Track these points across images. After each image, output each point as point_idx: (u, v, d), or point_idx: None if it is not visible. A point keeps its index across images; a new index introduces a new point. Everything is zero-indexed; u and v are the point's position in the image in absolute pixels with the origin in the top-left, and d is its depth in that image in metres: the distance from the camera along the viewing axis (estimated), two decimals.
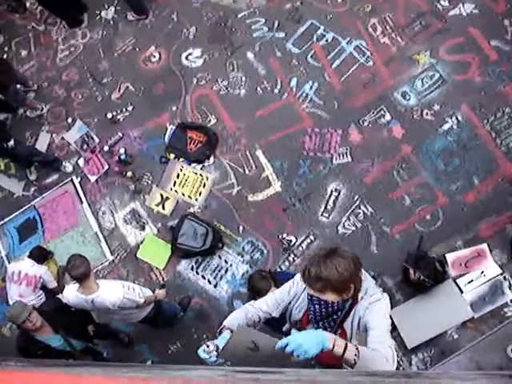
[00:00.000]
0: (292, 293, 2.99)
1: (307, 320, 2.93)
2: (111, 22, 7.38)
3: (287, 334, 3.11)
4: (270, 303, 3.00)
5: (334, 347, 2.24)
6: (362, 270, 2.88)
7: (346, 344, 2.27)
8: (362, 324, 2.73)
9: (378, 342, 2.53)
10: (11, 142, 6.14)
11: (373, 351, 2.47)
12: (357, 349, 2.29)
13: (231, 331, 2.64)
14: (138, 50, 7.06)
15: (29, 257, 5.88)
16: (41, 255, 5.99)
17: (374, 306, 2.70)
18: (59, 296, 5.21)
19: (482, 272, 4.99)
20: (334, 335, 2.31)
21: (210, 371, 1.98)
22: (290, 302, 2.99)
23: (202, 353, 2.51)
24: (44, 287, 5.77)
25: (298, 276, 2.95)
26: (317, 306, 2.69)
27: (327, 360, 2.52)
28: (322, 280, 2.57)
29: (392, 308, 4.97)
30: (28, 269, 5.70)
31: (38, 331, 4.48)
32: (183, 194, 6.13)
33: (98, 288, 4.40)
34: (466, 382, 1.89)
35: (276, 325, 3.29)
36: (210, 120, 6.36)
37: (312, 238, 5.59)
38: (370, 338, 2.58)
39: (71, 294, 4.52)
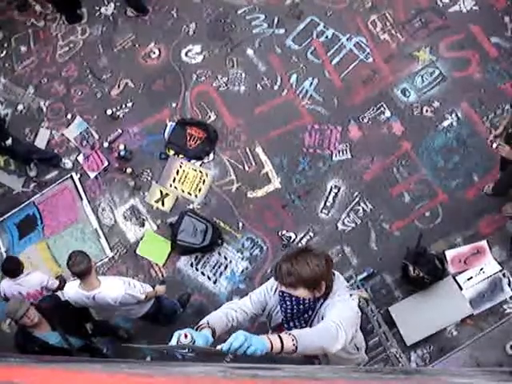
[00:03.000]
0: (272, 290, 2.96)
1: None
2: (111, 18, 7.36)
3: None
4: (253, 302, 2.96)
5: (272, 346, 2.17)
6: (337, 272, 2.89)
7: (280, 336, 2.23)
8: None
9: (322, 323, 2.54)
10: (9, 141, 6.12)
11: (311, 329, 2.49)
12: (290, 334, 2.26)
13: (213, 331, 2.56)
14: (137, 46, 7.04)
15: (7, 273, 5.35)
16: (15, 267, 5.37)
17: (336, 303, 2.68)
18: (58, 293, 5.20)
19: (482, 269, 4.99)
20: (265, 335, 2.23)
21: (209, 367, 1.98)
22: (270, 308, 2.96)
23: (175, 339, 2.30)
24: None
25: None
26: (288, 303, 2.67)
27: None
28: (293, 275, 2.58)
29: (391, 305, 5.04)
30: (26, 288, 5.29)
31: (36, 327, 4.47)
32: (183, 191, 6.13)
33: (100, 284, 4.40)
34: (466, 378, 1.89)
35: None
36: (209, 116, 6.35)
37: (311, 234, 5.59)
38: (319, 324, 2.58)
39: (72, 290, 4.52)
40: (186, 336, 2.27)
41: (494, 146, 4.01)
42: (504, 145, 4.23)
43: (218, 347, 2.12)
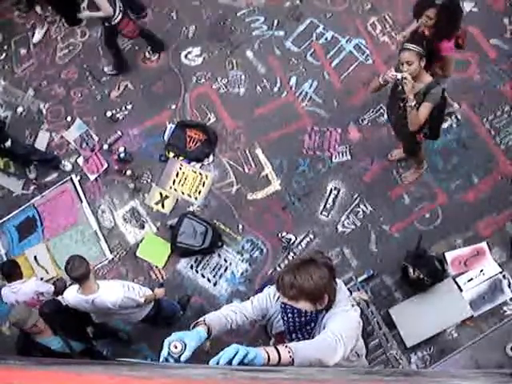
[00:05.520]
0: (274, 298, 2.91)
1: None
2: None
3: None
4: (254, 307, 2.93)
5: (269, 358, 2.11)
6: (339, 281, 2.86)
7: (277, 348, 2.17)
8: None
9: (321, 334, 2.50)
10: (8, 143, 6.12)
11: (309, 341, 2.44)
12: (286, 346, 2.20)
13: (208, 328, 2.53)
14: (137, 48, 7.05)
15: (5, 277, 5.41)
16: (12, 269, 5.44)
17: (338, 314, 2.64)
18: (59, 298, 5.19)
19: (482, 270, 4.99)
20: (262, 347, 2.17)
21: (210, 370, 1.98)
22: (271, 316, 2.93)
23: (166, 348, 2.25)
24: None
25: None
26: (290, 315, 2.63)
27: None
28: (296, 287, 2.54)
29: (391, 306, 5.04)
30: (21, 296, 5.25)
31: (39, 333, 4.46)
32: (183, 193, 6.13)
33: (98, 288, 4.39)
34: (466, 380, 1.89)
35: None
36: (209, 118, 6.35)
37: (311, 236, 5.59)
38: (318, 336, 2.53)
39: (71, 295, 4.51)
40: (175, 346, 2.24)
41: (399, 76, 4.01)
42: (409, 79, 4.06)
43: (211, 362, 2.08)
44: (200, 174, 6.13)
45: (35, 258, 6.36)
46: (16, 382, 1.72)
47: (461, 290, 4.97)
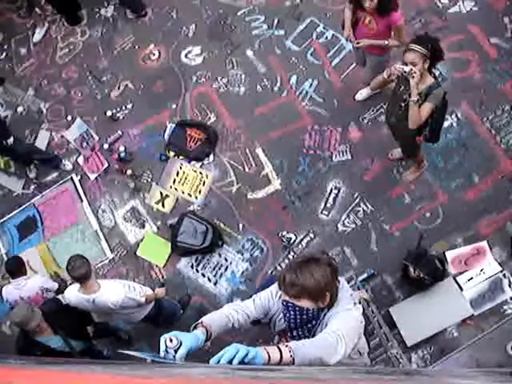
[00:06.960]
0: (276, 296, 2.91)
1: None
2: (110, 20, 7.37)
3: None
4: (257, 306, 2.93)
5: (269, 357, 2.11)
6: (342, 279, 2.85)
7: (278, 347, 2.17)
8: None
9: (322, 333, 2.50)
10: (10, 140, 6.12)
11: (309, 340, 2.44)
12: (286, 346, 2.20)
13: (206, 330, 2.52)
14: (137, 47, 7.05)
15: (9, 273, 5.43)
16: (18, 264, 5.47)
17: (340, 313, 2.64)
18: (59, 296, 5.19)
19: (482, 269, 4.99)
20: (262, 347, 2.16)
21: (210, 369, 1.98)
22: (274, 314, 2.93)
23: (162, 344, 2.27)
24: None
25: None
26: (292, 313, 2.64)
27: None
28: (297, 286, 2.54)
29: (391, 306, 5.04)
30: (25, 292, 5.24)
31: (38, 332, 4.46)
32: (183, 192, 6.13)
33: (100, 288, 4.39)
34: (466, 379, 1.89)
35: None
36: (209, 118, 6.35)
37: (312, 235, 5.58)
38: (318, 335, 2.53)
39: (72, 294, 4.52)
40: (171, 340, 2.25)
41: (406, 69, 4.08)
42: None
43: (212, 361, 2.07)
44: (200, 173, 6.13)
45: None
46: (16, 381, 1.72)
47: (461, 289, 4.97)
